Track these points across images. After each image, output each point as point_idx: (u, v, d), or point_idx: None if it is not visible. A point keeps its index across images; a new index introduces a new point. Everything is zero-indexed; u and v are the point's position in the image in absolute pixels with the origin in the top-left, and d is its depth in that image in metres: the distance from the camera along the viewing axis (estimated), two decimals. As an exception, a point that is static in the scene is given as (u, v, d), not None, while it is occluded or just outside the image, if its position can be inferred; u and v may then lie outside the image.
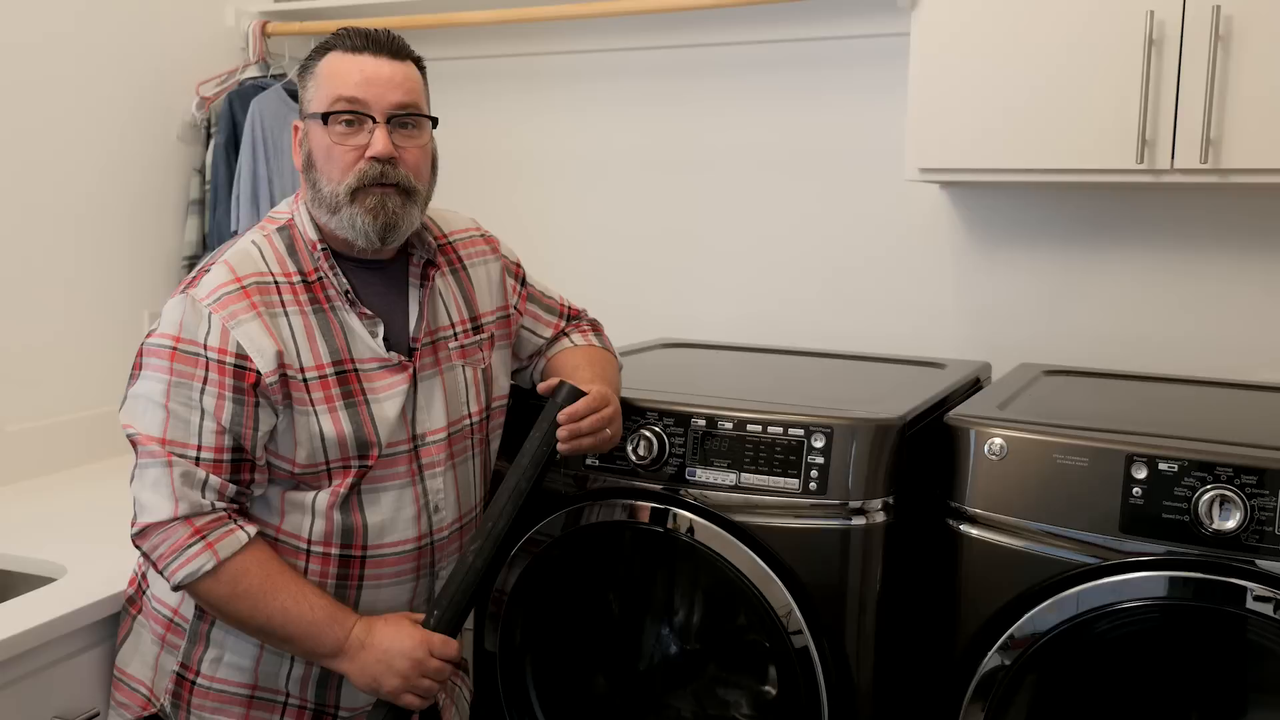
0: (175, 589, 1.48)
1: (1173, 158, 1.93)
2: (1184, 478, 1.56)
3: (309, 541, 1.54)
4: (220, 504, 1.47)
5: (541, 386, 1.68)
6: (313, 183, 1.55)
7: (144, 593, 1.65)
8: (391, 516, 1.58)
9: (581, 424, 1.63)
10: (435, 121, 1.60)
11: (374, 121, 1.51)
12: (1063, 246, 2.37)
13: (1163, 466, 1.57)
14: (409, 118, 1.55)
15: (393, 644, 1.51)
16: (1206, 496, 1.54)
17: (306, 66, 1.57)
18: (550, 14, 2.58)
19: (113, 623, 1.69)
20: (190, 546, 1.45)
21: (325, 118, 1.51)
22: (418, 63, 1.59)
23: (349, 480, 1.54)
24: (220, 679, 1.58)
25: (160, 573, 1.48)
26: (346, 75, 1.51)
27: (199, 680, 1.58)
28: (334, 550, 1.55)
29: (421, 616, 1.57)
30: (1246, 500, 1.52)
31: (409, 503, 1.59)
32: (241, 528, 1.48)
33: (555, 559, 1.89)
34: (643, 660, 1.92)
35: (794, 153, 2.58)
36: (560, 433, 1.62)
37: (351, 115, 1.51)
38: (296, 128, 1.59)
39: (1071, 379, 2.15)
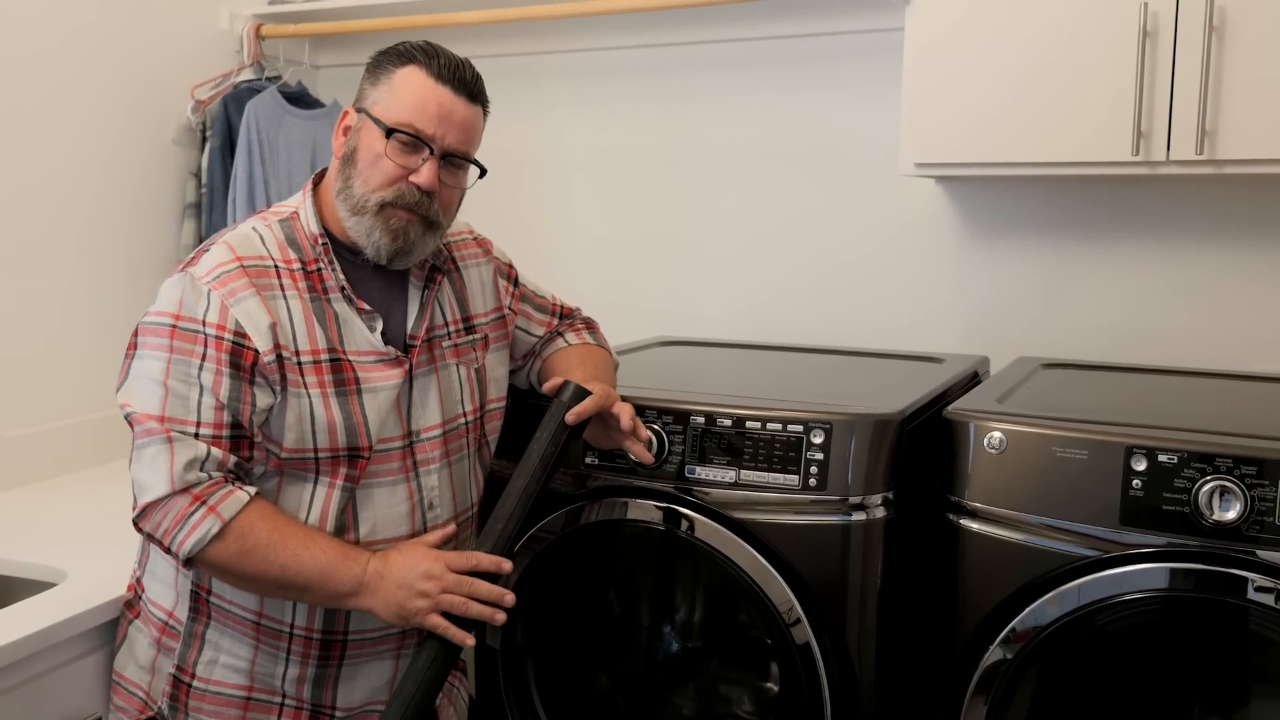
0: (186, 563, 1.46)
1: (1168, 149, 1.93)
2: (1184, 469, 1.56)
3: None
4: (217, 474, 1.47)
5: (546, 386, 1.68)
6: (346, 177, 1.56)
7: (140, 596, 1.65)
8: (384, 513, 1.57)
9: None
10: (484, 172, 1.64)
11: (431, 152, 1.53)
12: (1059, 239, 2.37)
13: (1162, 458, 1.57)
14: (460, 160, 1.58)
15: (410, 566, 1.49)
16: (1206, 488, 1.54)
17: (381, 64, 1.57)
18: (545, 13, 2.59)
19: (114, 627, 1.69)
20: (193, 514, 1.43)
21: (389, 133, 1.52)
22: (485, 107, 1.61)
23: (339, 482, 1.53)
24: (216, 681, 1.58)
25: (168, 550, 1.46)
26: (423, 102, 1.52)
27: (195, 683, 1.58)
28: None
29: (438, 537, 1.57)
30: (1246, 491, 1.52)
31: (402, 499, 1.59)
32: (240, 488, 1.47)
33: (556, 557, 1.89)
34: (645, 658, 1.92)
35: (790, 149, 2.58)
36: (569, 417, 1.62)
37: (415, 141, 1.53)
38: (347, 112, 1.59)
39: (1070, 372, 2.15)
